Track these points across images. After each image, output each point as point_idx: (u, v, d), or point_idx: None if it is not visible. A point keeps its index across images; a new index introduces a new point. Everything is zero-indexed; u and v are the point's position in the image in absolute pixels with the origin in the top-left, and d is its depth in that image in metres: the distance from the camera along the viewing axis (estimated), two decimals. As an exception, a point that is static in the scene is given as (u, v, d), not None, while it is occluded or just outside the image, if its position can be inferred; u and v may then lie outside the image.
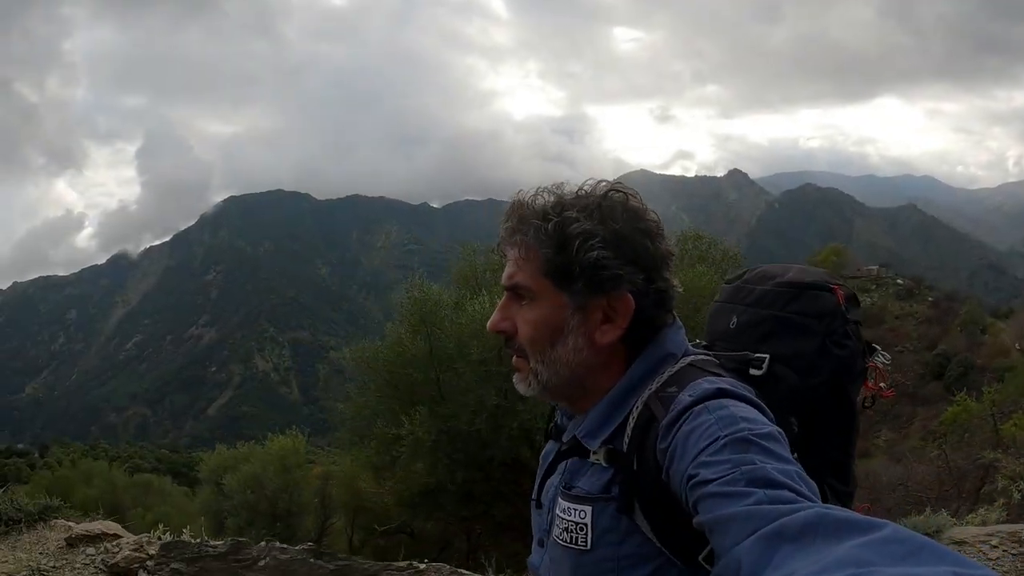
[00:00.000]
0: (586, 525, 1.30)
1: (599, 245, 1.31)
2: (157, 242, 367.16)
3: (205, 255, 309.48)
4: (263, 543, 5.86)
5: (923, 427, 39.32)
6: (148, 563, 5.87)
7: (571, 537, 1.31)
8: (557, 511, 1.37)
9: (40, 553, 6.02)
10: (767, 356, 1.47)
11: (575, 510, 1.32)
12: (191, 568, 5.67)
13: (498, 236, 1.45)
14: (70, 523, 6.65)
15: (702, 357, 1.39)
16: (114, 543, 6.20)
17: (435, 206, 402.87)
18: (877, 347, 1.57)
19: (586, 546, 1.29)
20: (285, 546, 5.78)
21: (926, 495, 15.04)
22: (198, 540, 6.23)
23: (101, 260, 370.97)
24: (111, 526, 6.55)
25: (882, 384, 1.57)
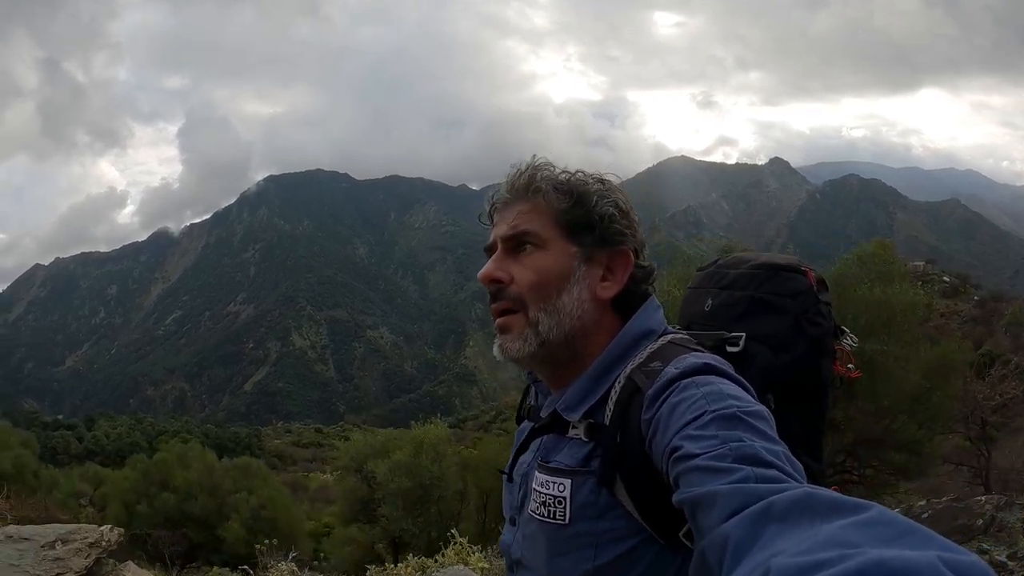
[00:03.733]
0: (564, 499, 1.27)
1: (611, 204, 1.36)
2: (197, 220, 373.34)
3: (244, 233, 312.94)
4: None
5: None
6: None
7: (549, 511, 1.29)
8: (533, 485, 1.35)
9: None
10: (743, 334, 1.51)
11: (553, 483, 1.30)
12: None
13: (491, 202, 1.46)
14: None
15: (682, 335, 1.39)
16: None
17: (474, 188, 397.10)
18: (845, 329, 1.60)
19: (564, 520, 1.27)
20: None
21: None
22: None
23: (142, 237, 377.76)
24: None
25: (849, 365, 1.60)
